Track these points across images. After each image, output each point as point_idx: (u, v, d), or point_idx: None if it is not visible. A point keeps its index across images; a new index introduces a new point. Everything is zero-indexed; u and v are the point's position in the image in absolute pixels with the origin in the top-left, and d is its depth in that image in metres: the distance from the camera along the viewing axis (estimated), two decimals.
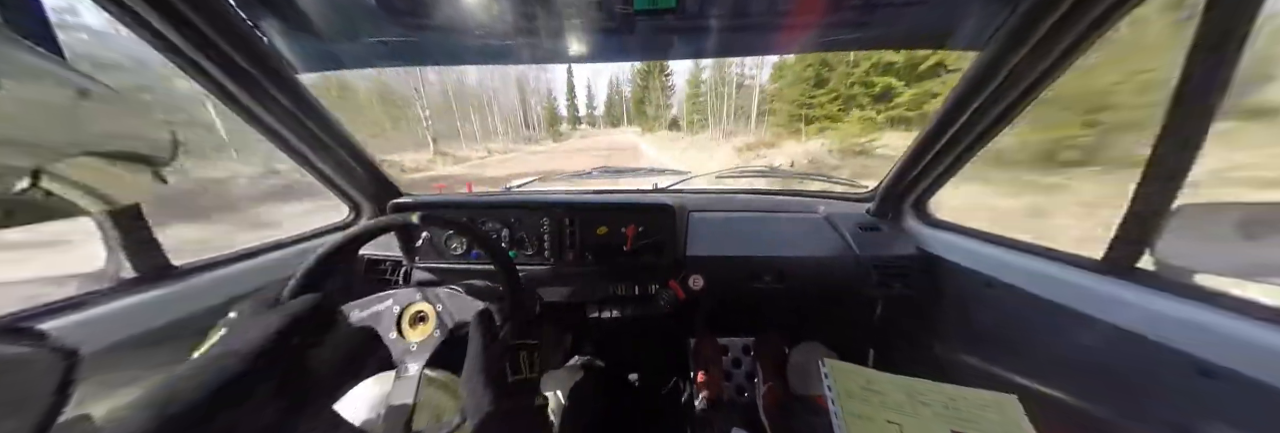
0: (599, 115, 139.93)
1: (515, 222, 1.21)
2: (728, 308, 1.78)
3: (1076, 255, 0.83)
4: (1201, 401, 0.59)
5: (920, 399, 0.66)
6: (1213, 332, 0.58)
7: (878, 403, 0.65)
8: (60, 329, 0.68)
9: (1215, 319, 0.58)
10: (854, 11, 0.89)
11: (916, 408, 0.65)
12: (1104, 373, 0.72)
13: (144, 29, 0.75)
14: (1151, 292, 0.67)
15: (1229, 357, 0.56)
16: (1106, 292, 0.72)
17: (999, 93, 0.86)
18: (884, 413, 0.63)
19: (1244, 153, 4.03)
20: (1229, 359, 0.56)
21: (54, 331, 0.67)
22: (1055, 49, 0.76)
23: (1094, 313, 0.72)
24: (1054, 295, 0.80)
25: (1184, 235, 0.65)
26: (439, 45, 1.03)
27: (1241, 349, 0.55)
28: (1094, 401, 0.75)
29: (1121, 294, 0.70)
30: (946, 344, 1.15)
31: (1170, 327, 0.62)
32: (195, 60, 0.81)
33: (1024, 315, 0.88)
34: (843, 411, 0.63)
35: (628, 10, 0.85)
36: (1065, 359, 0.79)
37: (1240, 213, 0.61)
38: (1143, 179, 0.68)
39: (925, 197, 1.27)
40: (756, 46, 1.07)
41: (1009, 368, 0.94)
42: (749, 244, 1.25)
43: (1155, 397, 0.65)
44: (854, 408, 0.64)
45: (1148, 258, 0.70)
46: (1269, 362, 0.53)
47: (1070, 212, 6.08)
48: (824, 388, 0.67)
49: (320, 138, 1.09)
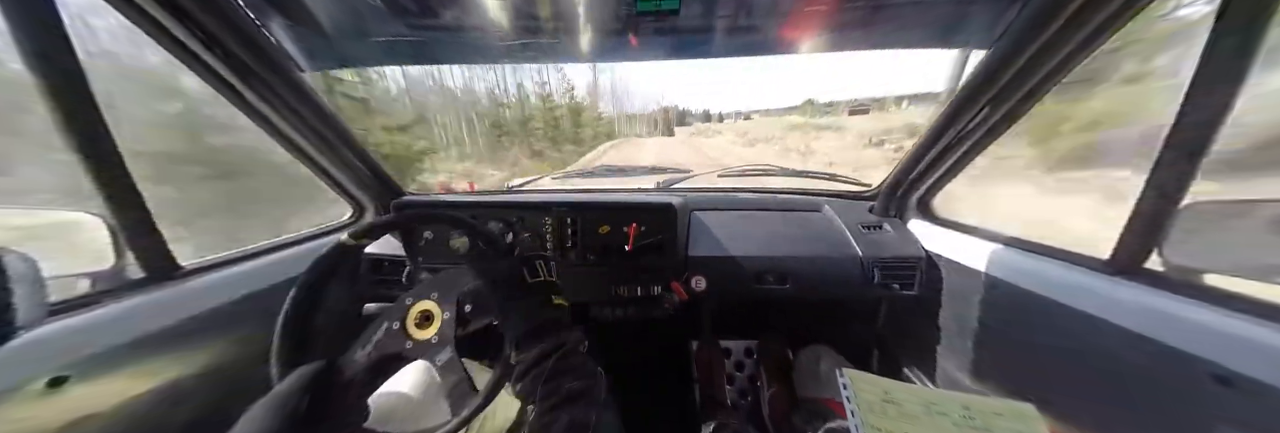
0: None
1: (517, 221, 1.21)
2: (730, 309, 1.77)
3: (1083, 255, 0.82)
4: (1217, 408, 0.57)
5: (937, 409, 0.66)
6: (1228, 335, 0.56)
7: (897, 414, 0.65)
8: (69, 329, 0.69)
9: (1232, 323, 0.56)
10: (859, 12, 0.89)
11: (934, 419, 0.64)
12: (1112, 377, 0.71)
13: (151, 26, 0.75)
14: (1160, 293, 0.66)
15: (1246, 363, 0.53)
16: (1114, 292, 0.71)
17: (1005, 92, 0.86)
18: (903, 424, 0.63)
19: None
20: (1246, 366, 0.53)
21: (63, 330, 0.68)
22: (1063, 48, 0.75)
23: (1101, 314, 0.71)
24: (1060, 296, 0.79)
25: (1192, 234, 0.64)
26: (443, 44, 1.04)
27: (1260, 355, 0.53)
28: (1102, 405, 0.74)
29: (1129, 295, 0.69)
30: (951, 346, 1.14)
31: (1182, 330, 0.60)
32: (201, 58, 0.82)
33: (1029, 317, 0.87)
34: (863, 423, 0.63)
35: (630, 11, 0.86)
36: (1071, 362, 0.78)
37: (1250, 211, 0.60)
38: (1150, 177, 0.67)
39: (929, 195, 1.26)
40: (759, 47, 1.07)
41: (1014, 370, 0.93)
42: (751, 244, 1.25)
43: (1167, 403, 0.63)
44: (873, 420, 0.63)
45: (1155, 258, 0.69)
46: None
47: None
48: (843, 399, 0.67)
49: (324, 137, 1.09)
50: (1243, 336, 0.55)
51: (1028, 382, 0.89)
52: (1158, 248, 0.68)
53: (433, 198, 1.42)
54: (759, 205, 1.47)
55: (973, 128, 0.97)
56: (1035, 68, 0.80)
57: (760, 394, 1.47)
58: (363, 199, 1.38)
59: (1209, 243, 0.64)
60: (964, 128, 0.97)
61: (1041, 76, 0.82)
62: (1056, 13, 0.69)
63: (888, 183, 1.29)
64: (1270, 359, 0.52)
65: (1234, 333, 0.55)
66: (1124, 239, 0.73)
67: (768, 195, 1.52)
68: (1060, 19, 0.70)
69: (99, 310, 0.74)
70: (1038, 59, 0.78)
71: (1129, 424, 0.70)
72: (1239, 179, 0.79)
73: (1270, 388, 0.51)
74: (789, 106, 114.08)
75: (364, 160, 1.24)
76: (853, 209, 1.40)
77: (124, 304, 0.77)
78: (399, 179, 1.39)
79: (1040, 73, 0.81)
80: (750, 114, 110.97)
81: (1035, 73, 0.81)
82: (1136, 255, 0.71)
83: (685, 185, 1.60)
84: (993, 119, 0.93)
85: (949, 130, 0.99)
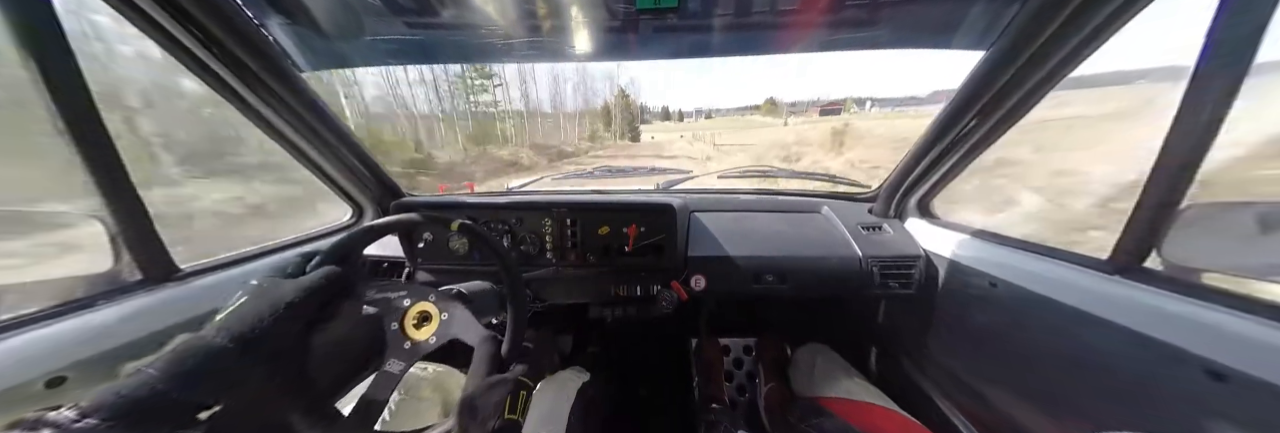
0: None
1: (517, 222, 1.22)
2: (729, 309, 1.78)
3: (1082, 255, 0.83)
4: (1211, 404, 0.58)
5: None
6: (1223, 333, 0.57)
7: None
8: (68, 331, 0.69)
9: (1226, 320, 0.57)
10: (858, 11, 0.89)
11: None
12: (1110, 375, 0.71)
13: (149, 26, 0.75)
14: (1159, 292, 0.66)
15: (1240, 359, 0.54)
16: (1113, 292, 0.71)
17: (1004, 92, 0.86)
18: None
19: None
20: (1241, 362, 0.54)
21: (61, 332, 0.68)
22: (1062, 49, 0.75)
23: (1100, 314, 0.71)
24: (1059, 296, 0.79)
25: (1192, 234, 0.65)
26: (442, 43, 1.04)
27: (1253, 352, 0.54)
28: (1100, 403, 0.74)
29: (1128, 294, 0.69)
30: (950, 345, 1.14)
31: (1179, 328, 0.61)
32: (200, 58, 0.82)
33: (1028, 316, 0.87)
34: None
35: (630, 9, 0.85)
36: (1071, 361, 0.79)
37: (1250, 211, 0.61)
38: (1150, 177, 0.67)
39: (929, 196, 1.26)
40: (758, 46, 1.07)
41: (1013, 369, 0.94)
42: (751, 244, 1.25)
43: (1163, 400, 0.64)
44: None
45: (1155, 258, 0.69)
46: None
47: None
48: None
49: (324, 137, 1.09)
50: (1238, 333, 0.55)
51: (1026, 381, 0.90)
52: (1157, 248, 0.69)
53: (433, 199, 1.42)
54: (759, 206, 1.47)
55: (972, 128, 0.97)
56: (1034, 69, 0.80)
57: (758, 392, 1.48)
58: (362, 200, 1.37)
59: (1208, 243, 0.64)
60: (963, 128, 0.98)
61: (1040, 77, 0.82)
62: (1055, 13, 0.69)
63: (887, 184, 1.30)
64: (1263, 356, 0.53)
65: (1229, 330, 0.56)
66: (1124, 239, 0.73)
67: (767, 196, 1.53)
68: (1058, 20, 0.70)
69: (97, 312, 0.74)
70: (1036, 60, 0.78)
71: (1126, 422, 0.70)
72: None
73: (1265, 384, 0.52)
74: (749, 105, 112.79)
75: (363, 161, 1.24)
76: (852, 210, 1.40)
77: (122, 306, 0.77)
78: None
79: (1039, 74, 0.81)
80: (711, 112, 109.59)
81: (1034, 74, 0.81)
82: (1136, 255, 0.72)
83: (685, 186, 1.60)
84: (992, 120, 0.94)
85: (949, 131, 0.99)
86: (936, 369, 1.17)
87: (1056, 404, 0.82)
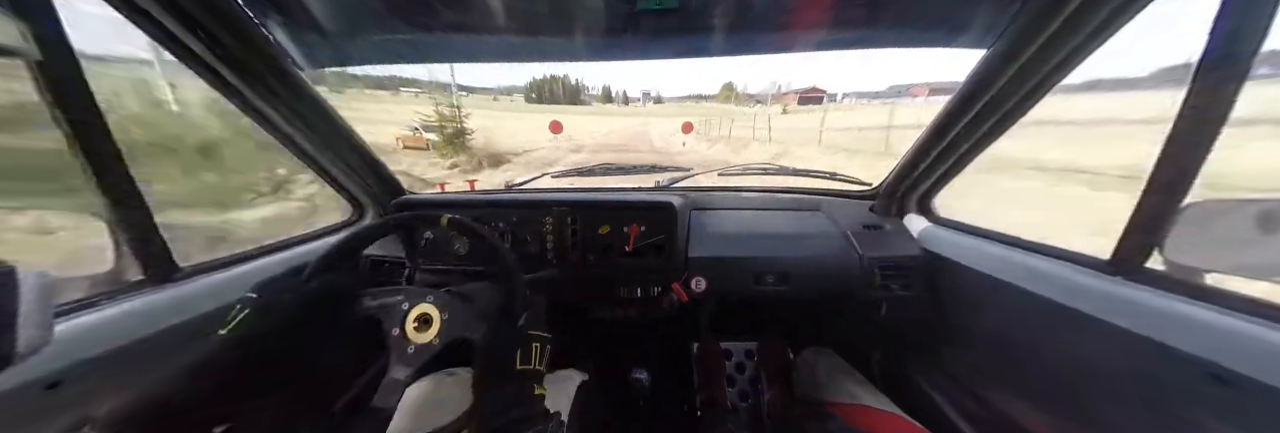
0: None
1: (517, 221, 1.21)
2: (730, 310, 1.77)
3: (1084, 255, 0.82)
4: (1214, 408, 0.57)
5: None
6: (1227, 335, 0.56)
7: None
8: (68, 331, 0.68)
9: (1229, 322, 0.56)
10: (859, 10, 0.88)
11: None
12: (1111, 377, 0.71)
13: (150, 24, 0.75)
14: (1161, 293, 0.66)
15: (1244, 363, 0.53)
16: (1114, 292, 0.71)
17: (1005, 91, 0.86)
18: None
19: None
20: (1245, 366, 0.53)
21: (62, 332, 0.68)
22: (1064, 47, 0.75)
23: (1101, 315, 0.71)
24: (1060, 296, 0.79)
25: (1194, 234, 0.64)
26: (443, 43, 1.04)
27: (1258, 356, 0.53)
28: (1101, 406, 0.74)
29: (1130, 295, 0.69)
30: (952, 346, 1.14)
31: (1181, 330, 0.60)
32: (201, 57, 0.82)
33: (1029, 316, 0.87)
34: None
35: (631, 9, 0.85)
36: (1072, 363, 0.78)
37: (1252, 209, 0.60)
38: (1151, 176, 0.67)
39: (929, 195, 1.26)
40: (760, 46, 1.06)
41: (1015, 370, 0.93)
42: (751, 244, 1.25)
43: (1165, 403, 0.63)
44: None
45: (1157, 257, 0.69)
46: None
47: None
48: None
49: (325, 136, 1.09)
50: (1241, 335, 0.54)
51: (1028, 382, 0.89)
52: (1159, 247, 0.68)
53: (433, 197, 1.42)
54: (759, 205, 1.47)
55: (973, 127, 0.97)
56: (1035, 67, 0.80)
57: (760, 397, 1.47)
58: (363, 199, 1.37)
59: (1210, 243, 0.63)
60: (964, 127, 0.97)
61: (1041, 76, 0.82)
62: (1056, 12, 0.69)
63: (888, 182, 1.29)
64: (1270, 360, 0.52)
65: (1232, 332, 0.55)
66: (1125, 239, 0.72)
67: (768, 195, 1.52)
68: (1059, 18, 0.70)
69: (98, 312, 0.74)
70: (1037, 59, 0.78)
71: (1127, 424, 0.70)
72: None
73: (1270, 389, 0.51)
74: (705, 94, 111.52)
75: (364, 160, 1.24)
76: (853, 208, 1.40)
77: (123, 306, 0.77)
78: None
79: (1040, 73, 0.81)
80: (662, 98, 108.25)
81: (1035, 73, 0.81)
82: (1137, 255, 0.71)
83: (685, 184, 1.60)
84: (992, 119, 0.93)
85: (949, 130, 0.99)
86: (939, 372, 1.17)
87: (1060, 409, 0.82)
